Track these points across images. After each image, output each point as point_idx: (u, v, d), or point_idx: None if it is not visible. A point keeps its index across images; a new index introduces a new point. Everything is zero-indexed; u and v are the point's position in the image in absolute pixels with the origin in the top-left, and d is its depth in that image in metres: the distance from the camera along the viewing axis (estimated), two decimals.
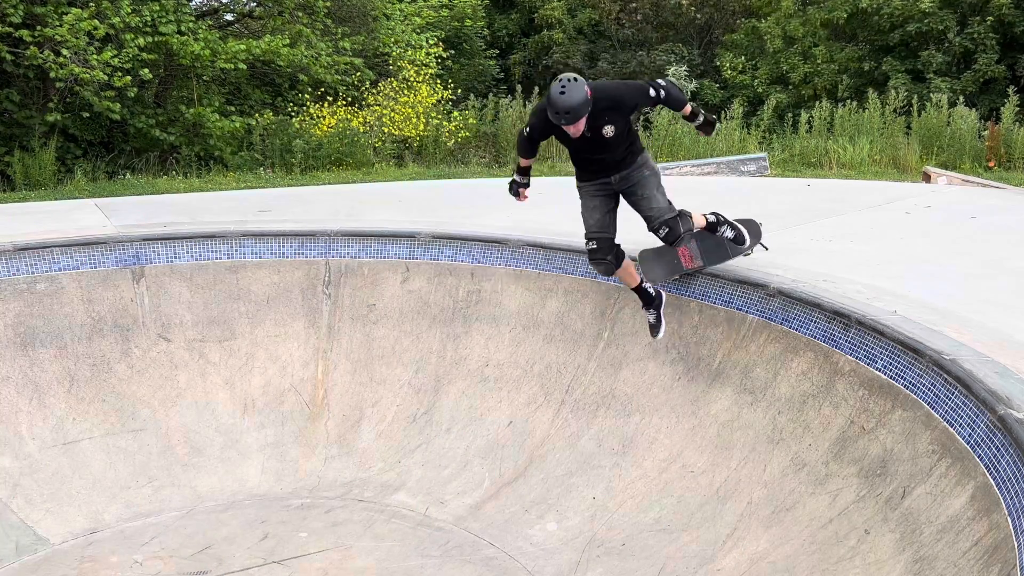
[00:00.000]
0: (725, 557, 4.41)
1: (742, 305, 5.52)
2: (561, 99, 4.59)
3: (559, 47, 23.71)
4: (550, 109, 4.66)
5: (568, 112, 4.61)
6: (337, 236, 7.05)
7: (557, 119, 4.68)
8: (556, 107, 4.61)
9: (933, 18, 19.25)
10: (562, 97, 4.59)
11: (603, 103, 4.80)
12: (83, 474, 5.62)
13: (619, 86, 5.19)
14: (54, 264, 6.32)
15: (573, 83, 4.63)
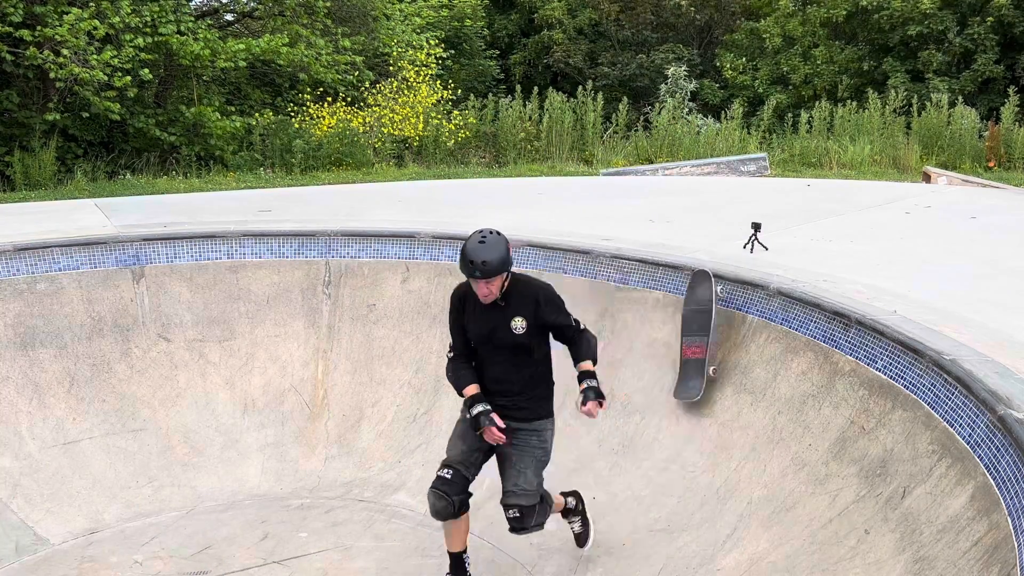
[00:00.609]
0: (725, 557, 4.40)
1: (742, 305, 5.52)
2: (480, 249, 3.94)
3: (559, 47, 23.72)
4: (463, 261, 3.98)
5: (484, 263, 3.92)
6: (337, 236, 7.05)
7: (470, 270, 3.96)
8: (473, 258, 3.93)
9: (933, 19, 19.26)
10: (481, 247, 3.95)
11: (521, 286, 4.18)
12: (83, 474, 5.62)
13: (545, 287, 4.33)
14: (54, 264, 6.31)
15: (494, 236, 4.02)
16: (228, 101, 17.14)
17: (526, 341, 4.18)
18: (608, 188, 11.52)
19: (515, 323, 4.14)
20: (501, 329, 4.15)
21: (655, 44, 24.20)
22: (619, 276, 6.27)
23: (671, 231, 7.57)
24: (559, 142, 16.48)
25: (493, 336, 4.17)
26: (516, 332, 4.14)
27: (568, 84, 22.52)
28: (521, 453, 4.25)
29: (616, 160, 16.13)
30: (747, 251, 6.57)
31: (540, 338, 4.26)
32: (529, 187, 11.40)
